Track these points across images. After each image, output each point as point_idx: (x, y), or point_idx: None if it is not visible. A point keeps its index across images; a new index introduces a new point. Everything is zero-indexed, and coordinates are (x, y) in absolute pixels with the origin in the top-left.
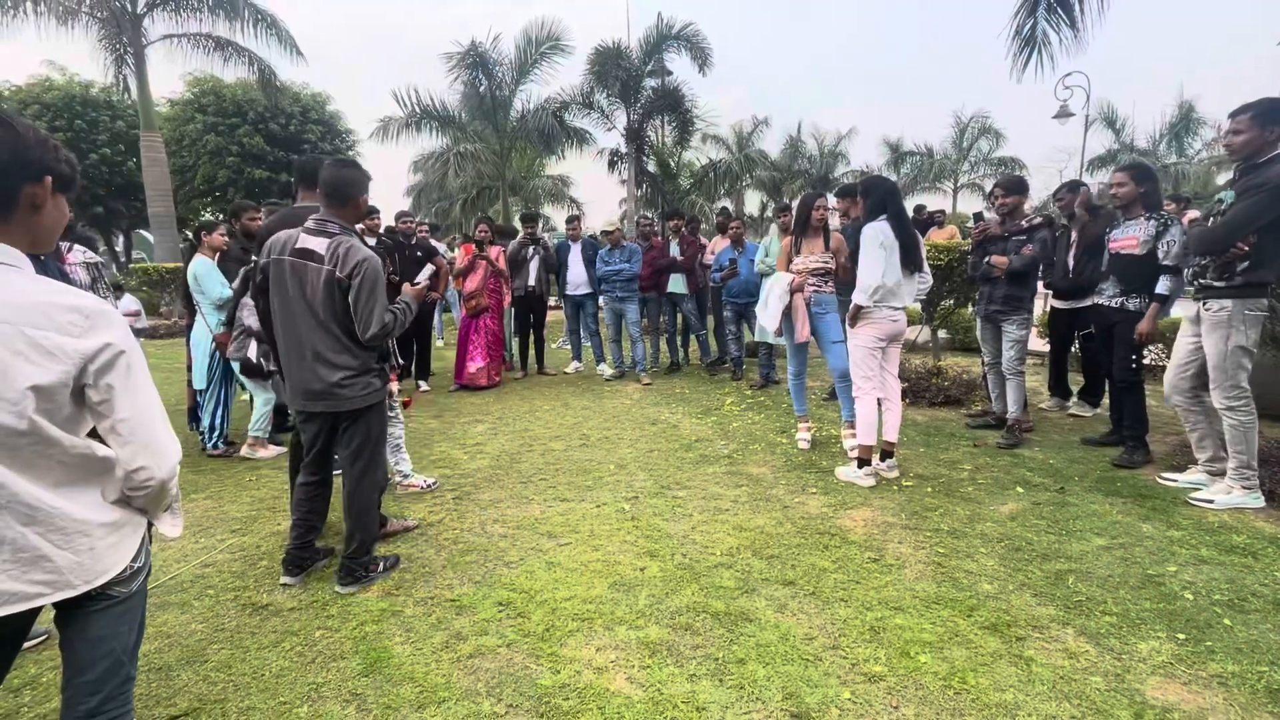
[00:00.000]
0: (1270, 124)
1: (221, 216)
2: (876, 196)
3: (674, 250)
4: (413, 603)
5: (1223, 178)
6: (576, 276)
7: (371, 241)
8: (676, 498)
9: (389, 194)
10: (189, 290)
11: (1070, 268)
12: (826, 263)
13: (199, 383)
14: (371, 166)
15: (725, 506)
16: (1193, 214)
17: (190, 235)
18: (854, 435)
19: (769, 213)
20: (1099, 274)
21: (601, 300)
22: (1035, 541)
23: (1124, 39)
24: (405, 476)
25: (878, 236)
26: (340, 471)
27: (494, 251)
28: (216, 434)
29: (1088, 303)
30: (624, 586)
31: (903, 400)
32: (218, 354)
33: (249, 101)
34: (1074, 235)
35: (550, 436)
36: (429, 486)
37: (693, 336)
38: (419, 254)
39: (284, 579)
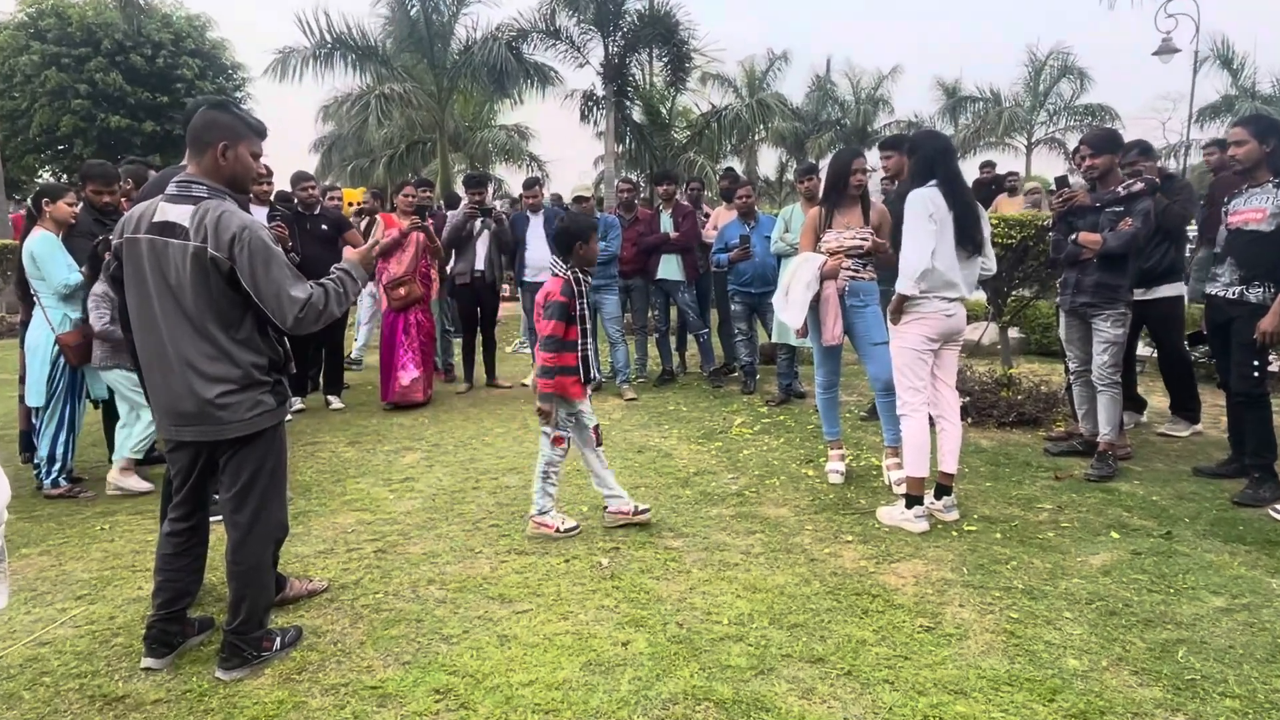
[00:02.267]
0: None
1: (69, 180)
2: (923, 156)
3: (665, 224)
4: (320, 691)
5: None
6: (537, 258)
7: (259, 211)
8: (670, 549)
9: (291, 149)
10: (23, 275)
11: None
12: (865, 240)
13: (35, 399)
14: (267, 114)
15: (734, 560)
16: None
17: (28, 203)
18: (900, 465)
19: (789, 175)
20: (1174, 258)
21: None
22: (1135, 602)
23: None
24: (541, 511)
25: (925, 207)
26: (222, 517)
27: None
28: (58, 467)
29: (1158, 294)
30: (601, 667)
31: (963, 419)
32: (61, 361)
33: (103, 26)
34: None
35: (504, 469)
36: (568, 531)
37: (691, 337)
38: (324, 227)
39: (146, 661)
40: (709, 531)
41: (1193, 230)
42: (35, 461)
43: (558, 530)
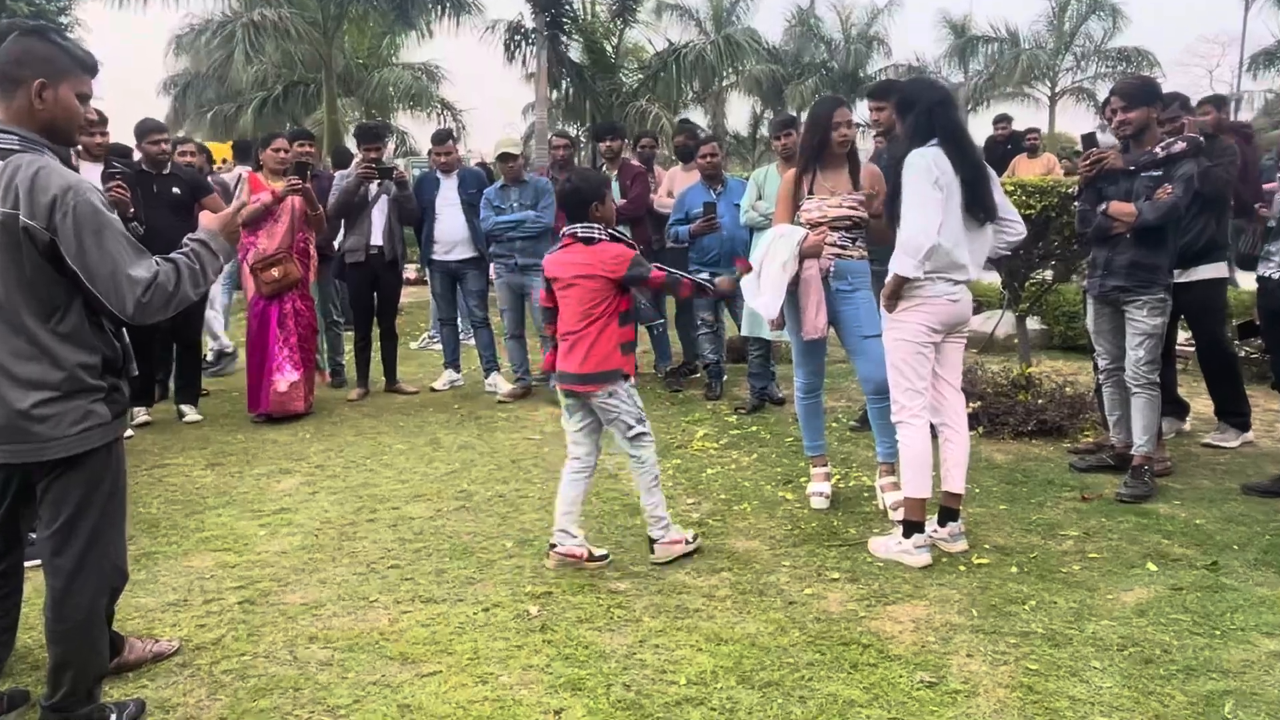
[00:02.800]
0: None
1: None
2: (921, 110)
3: (611, 189)
4: None
5: None
6: (450, 230)
7: (91, 170)
8: (615, 593)
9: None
10: None
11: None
12: (855, 210)
13: None
14: (102, 45)
15: (694, 605)
16: None
17: None
18: (897, 485)
19: (764, 130)
20: (1215, 232)
21: (493, 270)
22: (1175, 648)
23: None
24: (664, 528)
25: (929, 171)
26: (40, 561)
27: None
28: None
29: (1197, 275)
30: None
31: (972, 428)
32: None
33: None
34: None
35: (407, 496)
36: (691, 543)
37: (642, 329)
38: (175, 190)
39: None
40: (664, 570)
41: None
42: None
43: (687, 543)
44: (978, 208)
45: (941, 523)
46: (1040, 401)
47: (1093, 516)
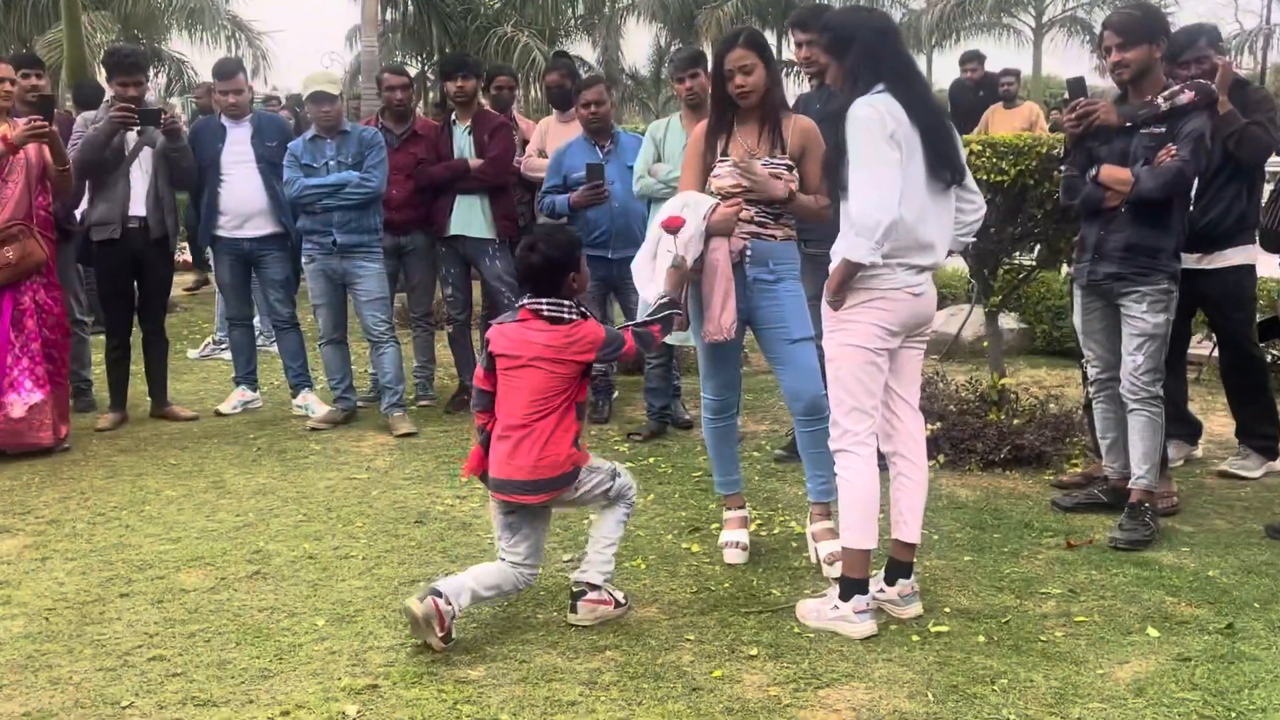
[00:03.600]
0: None
1: None
2: (861, 48)
3: (463, 145)
4: None
5: None
6: (242, 197)
7: None
8: (465, 682)
9: None
10: None
11: (1190, 198)
12: (780, 175)
13: None
14: None
15: (570, 696)
16: None
17: None
18: (834, 532)
19: (667, 71)
20: (1246, 207)
21: (304, 254)
22: None
23: None
24: (605, 579)
25: (881, 123)
26: None
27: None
28: None
29: (1222, 262)
30: None
31: (931, 457)
32: None
33: None
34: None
35: (179, 560)
36: (623, 605)
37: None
38: None
39: None
40: (530, 650)
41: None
42: None
43: (618, 604)
44: (943, 166)
45: (890, 580)
46: (1016, 422)
47: (1081, 568)
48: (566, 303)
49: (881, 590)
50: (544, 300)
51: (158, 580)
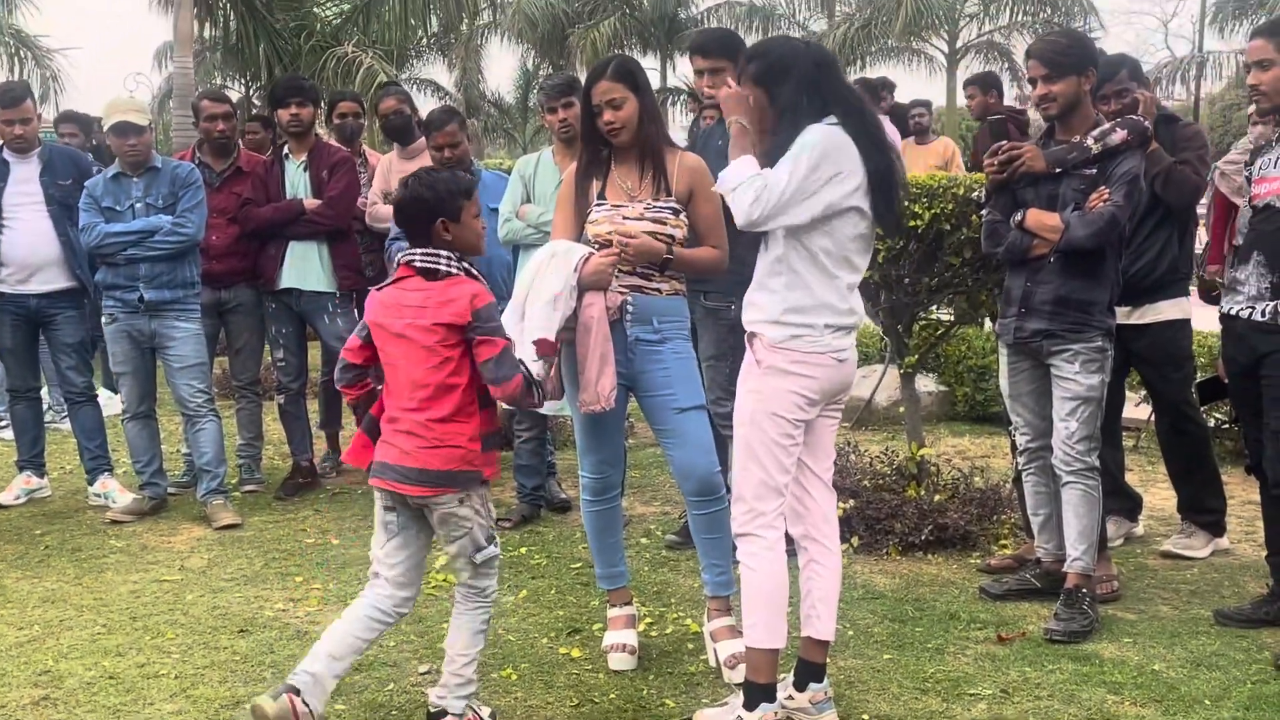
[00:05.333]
0: None
1: None
2: (800, 79)
3: (297, 183)
4: None
5: None
6: (27, 246)
7: None
8: None
9: None
10: None
11: (1121, 246)
12: (663, 223)
13: None
14: None
15: None
16: None
17: None
18: (735, 631)
19: (536, 98)
20: (1177, 255)
21: (105, 313)
22: None
23: None
24: (466, 697)
25: (825, 153)
26: None
27: None
28: None
29: (1153, 315)
30: None
31: (844, 540)
32: None
33: None
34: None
35: None
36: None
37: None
38: None
39: None
40: None
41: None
42: None
43: None
44: (889, 217)
45: (800, 685)
46: (938, 498)
47: (1013, 665)
48: (444, 254)
49: (790, 697)
50: (417, 250)
51: None
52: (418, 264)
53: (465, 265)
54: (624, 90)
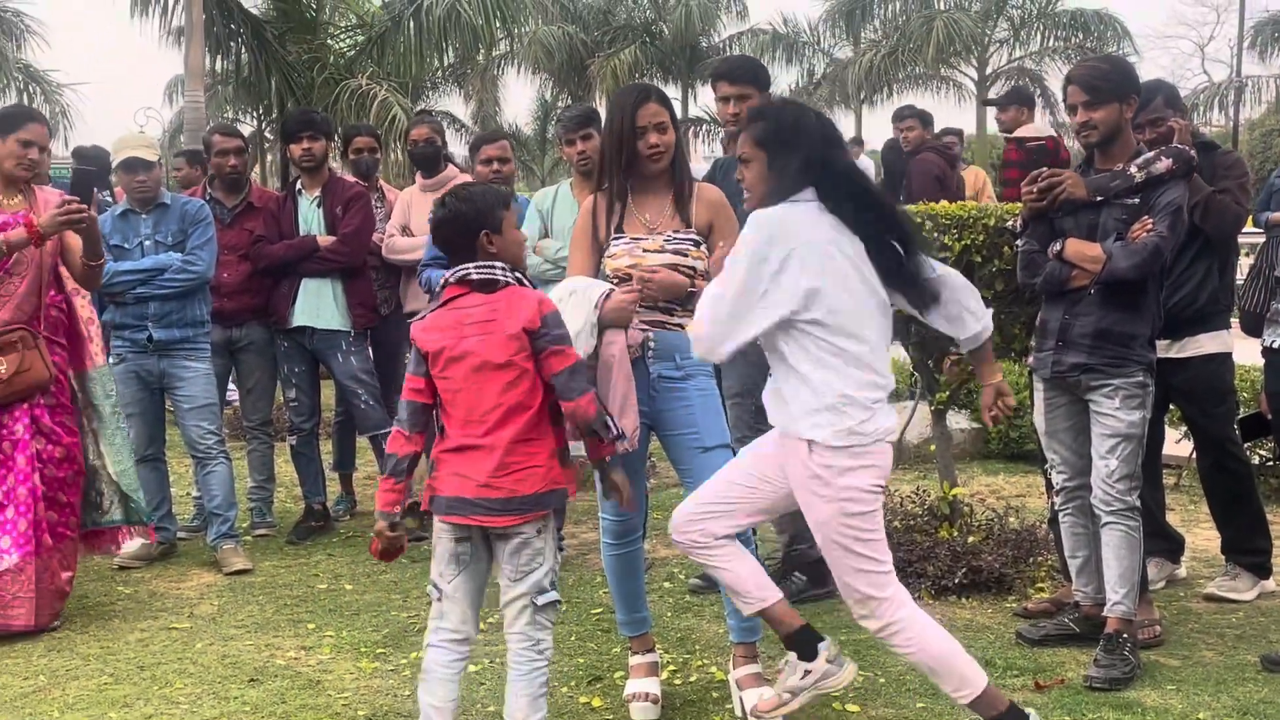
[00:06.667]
0: None
1: None
2: (804, 156)
3: (310, 217)
4: None
5: None
6: None
7: None
8: None
9: None
10: None
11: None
12: (685, 256)
13: None
14: None
15: None
16: None
17: None
18: (761, 679)
19: (554, 130)
20: (1217, 286)
21: (113, 353)
22: None
23: None
24: None
25: (775, 242)
26: None
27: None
28: None
29: (1194, 349)
30: None
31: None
32: None
33: None
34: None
35: None
36: None
37: (366, 442)
38: None
39: None
40: None
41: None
42: None
43: None
44: (891, 280)
45: (808, 655)
46: (972, 540)
47: (1052, 713)
48: (497, 264)
49: (808, 671)
50: (469, 265)
51: None
52: (474, 277)
53: (518, 275)
54: (667, 116)
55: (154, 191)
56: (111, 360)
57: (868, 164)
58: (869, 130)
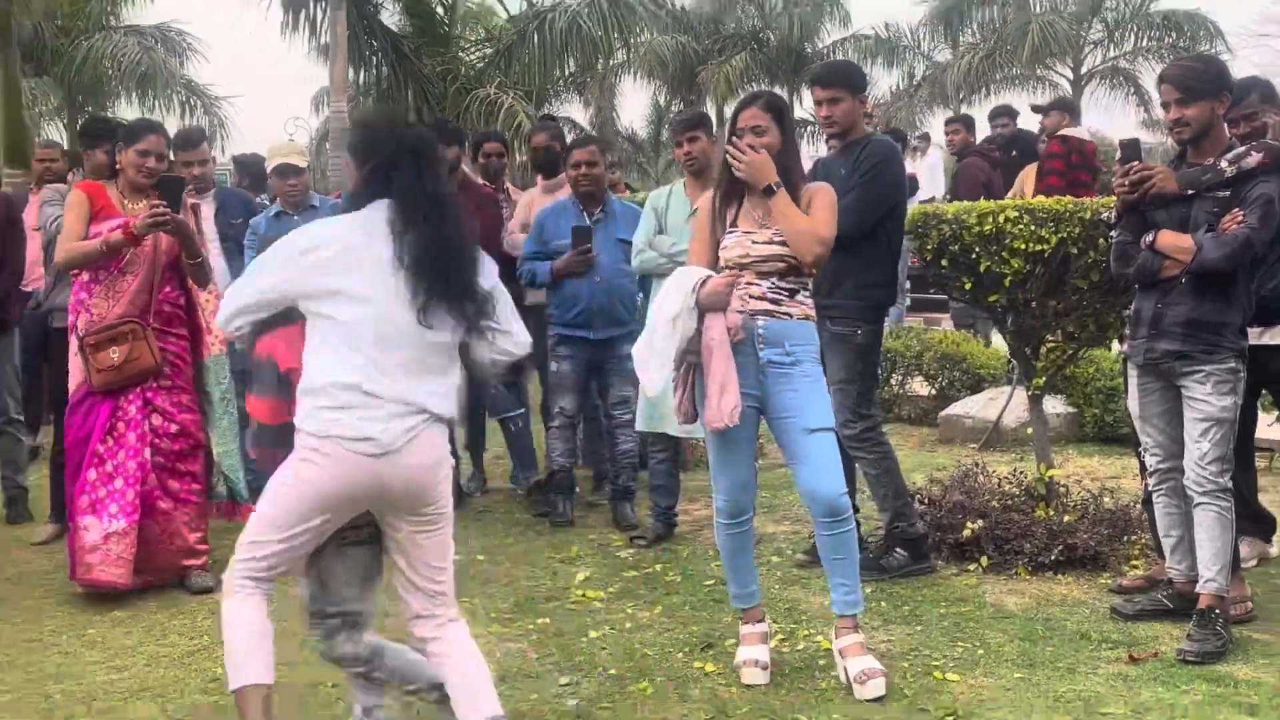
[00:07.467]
0: None
1: None
2: (378, 164)
3: None
4: None
5: None
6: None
7: None
8: None
9: None
10: None
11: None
12: (780, 261)
13: None
14: None
15: None
16: None
17: None
18: (864, 648)
19: (667, 134)
20: None
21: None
22: None
23: None
24: None
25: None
26: None
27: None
28: None
29: None
30: None
31: (971, 559)
32: None
33: None
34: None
35: (127, 689)
36: None
37: (497, 424)
38: None
39: None
40: None
41: None
42: None
43: None
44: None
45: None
46: (1068, 519)
47: (1146, 685)
48: None
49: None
50: None
51: (103, 716)
52: None
53: None
54: (769, 120)
55: (304, 195)
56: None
57: (937, 160)
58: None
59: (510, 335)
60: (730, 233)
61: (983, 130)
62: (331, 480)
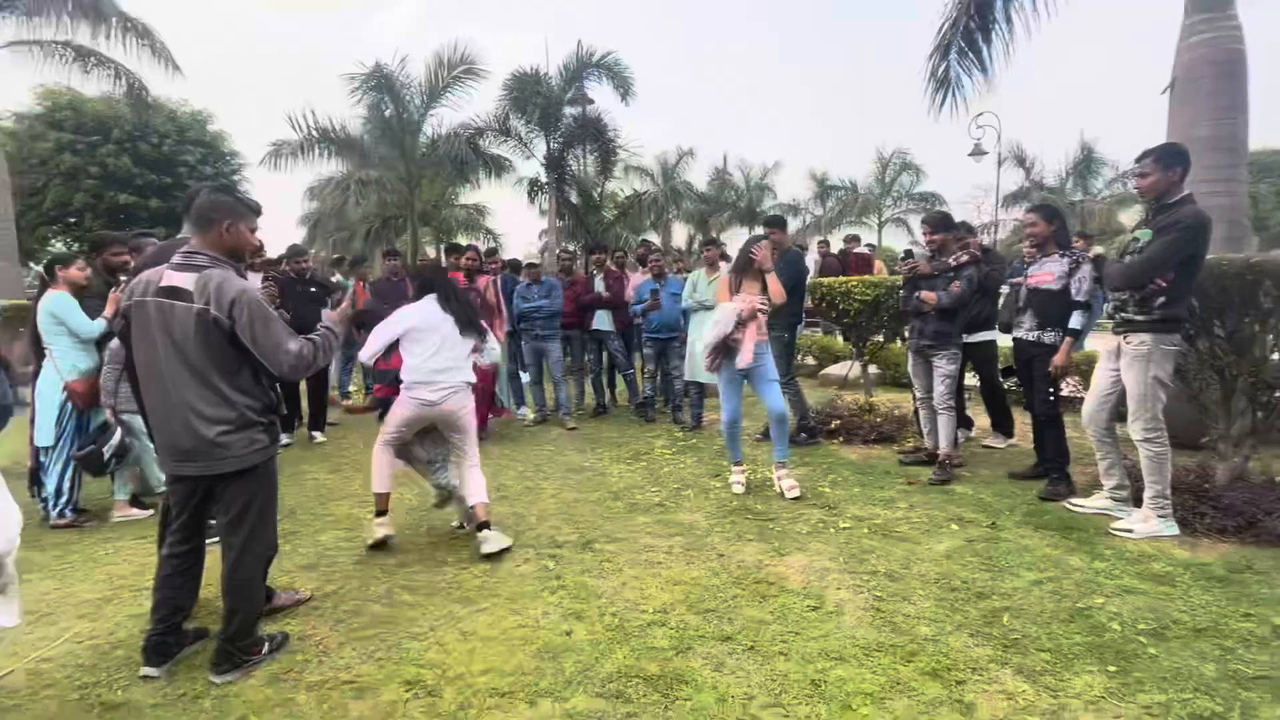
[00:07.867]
0: (1171, 166)
1: (79, 247)
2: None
3: (598, 286)
4: (304, 688)
5: (1125, 215)
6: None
7: (255, 278)
8: (604, 551)
9: (282, 223)
10: (36, 332)
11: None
12: (764, 305)
13: (43, 439)
14: (263, 195)
15: (657, 559)
16: (1098, 249)
17: (40, 269)
18: (790, 477)
19: (698, 245)
20: (990, 311)
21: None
22: (970, 580)
23: (1029, 81)
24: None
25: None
26: (217, 540)
27: (482, 281)
28: (64, 500)
29: (978, 338)
30: (548, 653)
31: (835, 438)
32: (68, 405)
33: (114, 119)
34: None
35: (519, 489)
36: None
37: (620, 376)
38: (313, 290)
39: (145, 670)
40: (637, 535)
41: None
42: (43, 496)
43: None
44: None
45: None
46: (879, 420)
47: (914, 495)
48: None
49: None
50: None
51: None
52: None
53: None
54: (776, 237)
55: (538, 275)
56: (523, 340)
57: (814, 260)
58: (830, 243)
59: (492, 349)
60: (736, 296)
61: (836, 244)
62: (411, 412)
